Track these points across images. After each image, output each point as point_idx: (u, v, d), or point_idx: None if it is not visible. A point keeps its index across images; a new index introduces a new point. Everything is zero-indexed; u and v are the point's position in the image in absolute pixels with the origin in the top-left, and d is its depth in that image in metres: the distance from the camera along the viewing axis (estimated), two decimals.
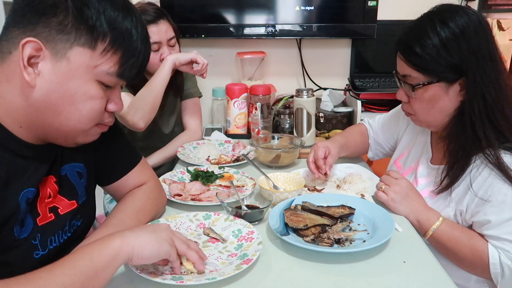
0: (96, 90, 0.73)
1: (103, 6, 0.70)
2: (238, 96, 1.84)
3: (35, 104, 0.70)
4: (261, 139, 1.51)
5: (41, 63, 0.68)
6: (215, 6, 1.95)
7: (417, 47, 0.98)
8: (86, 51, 0.70)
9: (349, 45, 2.17)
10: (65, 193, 0.84)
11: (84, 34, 0.69)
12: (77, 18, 0.68)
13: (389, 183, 1.08)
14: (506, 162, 0.95)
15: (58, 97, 0.70)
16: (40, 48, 0.67)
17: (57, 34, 0.68)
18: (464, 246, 0.98)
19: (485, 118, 0.97)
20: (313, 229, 0.95)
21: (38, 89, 0.69)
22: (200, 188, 1.21)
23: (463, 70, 0.97)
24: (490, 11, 2.12)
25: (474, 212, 0.99)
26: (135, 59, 0.75)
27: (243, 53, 2.04)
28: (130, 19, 0.73)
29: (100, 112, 0.76)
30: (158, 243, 0.73)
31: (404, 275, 0.83)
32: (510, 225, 0.93)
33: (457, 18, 0.97)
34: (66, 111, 0.72)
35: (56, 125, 0.73)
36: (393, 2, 2.01)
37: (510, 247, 0.93)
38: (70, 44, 0.69)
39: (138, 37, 0.74)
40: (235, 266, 0.81)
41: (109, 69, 0.73)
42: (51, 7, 0.67)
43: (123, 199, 0.97)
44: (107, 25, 0.70)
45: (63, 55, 0.69)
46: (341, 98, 2.02)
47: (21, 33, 0.68)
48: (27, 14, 0.68)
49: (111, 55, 0.72)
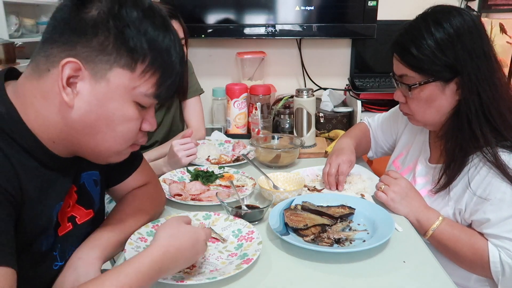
0: (133, 112, 0.72)
1: (144, 27, 0.68)
2: (238, 96, 1.84)
3: (72, 124, 0.69)
4: (261, 139, 1.51)
5: (79, 83, 0.67)
6: (215, 6, 1.95)
7: (413, 48, 1.00)
8: (126, 73, 0.69)
9: (349, 45, 2.17)
10: (83, 202, 0.84)
11: (124, 55, 0.68)
12: (118, 39, 0.67)
13: (388, 183, 1.08)
14: (504, 160, 0.95)
15: (96, 118, 0.69)
16: (79, 68, 0.66)
17: (97, 55, 0.67)
18: (464, 245, 0.98)
19: (481, 116, 0.98)
20: (313, 229, 0.95)
21: (76, 109, 0.68)
22: (200, 188, 1.21)
23: (458, 70, 0.98)
24: (490, 11, 2.13)
25: (473, 211, 0.99)
26: (172, 80, 0.74)
27: (243, 53, 2.05)
28: (169, 38, 0.72)
29: (135, 133, 0.75)
30: (189, 263, 0.78)
31: (404, 275, 0.83)
32: (509, 223, 0.94)
33: (451, 19, 0.98)
34: (103, 132, 0.71)
35: (92, 145, 0.73)
36: (393, 2, 2.01)
37: (510, 245, 0.93)
38: (110, 65, 0.68)
39: (176, 57, 0.73)
40: (235, 265, 0.81)
41: (147, 90, 0.71)
42: (92, 28, 0.66)
43: (123, 199, 0.97)
44: (147, 46, 0.69)
45: (102, 76, 0.68)
46: (341, 98, 2.02)
47: (61, 51, 0.66)
48: (67, 33, 0.66)
49: (149, 76, 0.71)
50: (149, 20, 0.69)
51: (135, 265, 0.67)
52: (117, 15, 0.67)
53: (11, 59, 1.89)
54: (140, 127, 0.76)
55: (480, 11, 2.12)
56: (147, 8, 0.70)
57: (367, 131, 1.44)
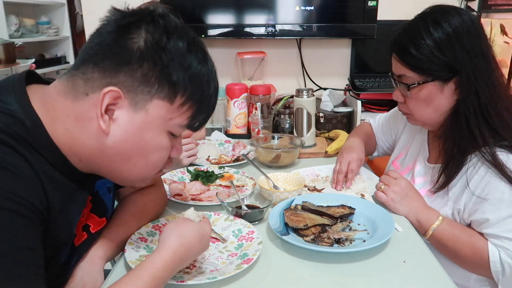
0: (166, 141, 0.72)
1: (188, 61, 0.69)
2: (238, 96, 1.84)
3: (104, 149, 0.69)
4: (261, 139, 1.51)
5: (117, 111, 0.67)
6: (215, 6, 1.95)
7: (411, 48, 1.00)
8: (165, 104, 0.68)
9: (349, 45, 2.17)
10: (97, 211, 0.84)
11: (166, 88, 0.68)
12: (162, 72, 0.67)
13: (388, 183, 1.08)
14: (502, 159, 0.95)
15: (130, 146, 0.69)
16: (120, 96, 0.66)
17: (139, 85, 0.66)
18: (464, 245, 0.98)
19: (479, 115, 0.98)
20: (313, 229, 0.95)
21: (111, 136, 0.68)
22: (200, 188, 1.21)
23: (456, 69, 0.98)
24: (490, 11, 2.13)
25: (472, 211, 0.99)
26: (208, 112, 0.75)
27: (243, 53, 2.04)
28: (209, 72, 0.72)
29: (164, 161, 0.76)
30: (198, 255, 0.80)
31: (404, 275, 0.83)
32: (508, 223, 0.94)
33: (450, 18, 0.98)
34: (134, 159, 0.71)
35: (121, 170, 0.73)
36: (393, 2, 2.01)
37: (509, 245, 0.93)
38: (151, 97, 0.67)
39: (213, 90, 0.74)
40: (236, 265, 0.81)
41: (182, 122, 0.72)
42: (138, 58, 0.65)
43: (125, 200, 0.97)
44: (189, 80, 0.69)
45: (142, 106, 0.67)
46: (341, 98, 2.02)
47: (102, 78, 0.66)
48: (109, 59, 0.66)
49: (186, 109, 0.71)
50: (193, 54, 0.69)
51: (149, 271, 0.68)
52: (164, 48, 0.66)
53: (11, 59, 1.90)
54: (168, 155, 0.76)
55: (480, 11, 2.12)
56: (192, 40, 0.70)
57: (371, 130, 1.45)
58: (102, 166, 0.72)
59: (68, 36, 3.45)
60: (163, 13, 0.69)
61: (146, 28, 0.67)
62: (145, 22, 0.67)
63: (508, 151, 0.97)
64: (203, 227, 0.78)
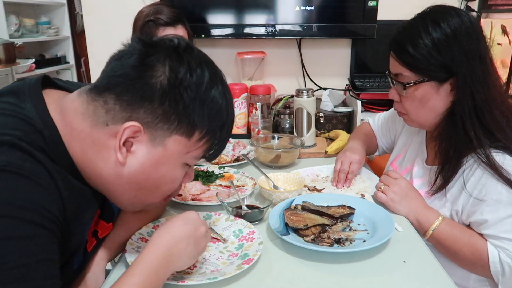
0: (181, 173, 0.74)
1: (207, 97, 0.69)
2: (238, 96, 1.84)
3: (118, 178, 0.70)
4: (261, 139, 1.52)
5: (136, 144, 0.68)
6: (215, 6, 1.95)
7: (409, 47, 1.00)
8: (183, 140, 0.70)
9: (349, 45, 2.17)
10: (105, 217, 0.84)
11: (185, 126, 0.69)
12: (183, 111, 0.68)
13: (388, 183, 1.09)
14: (497, 161, 0.95)
15: (145, 178, 0.70)
16: (139, 130, 0.66)
17: (159, 122, 0.67)
18: (464, 245, 0.99)
19: (474, 118, 0.98)
20: (313, 229, 0.95)
21: (127, 167, 0.69)
22: (200, 188, 1.21)
23: (453, 70, 0.99)
24: (490, 11, 2.13)
25: (470, 212, 0.99)
26: (222, 145, 0.77)
27: (243, 53, 2.05)
28: (226, 109, 0.73)
29: (175, 188, 0.77)
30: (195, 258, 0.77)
31: (404, 275, 0.83)
32: (507, 223, 0.94)
33: (449, 19, 0.98)
34: (146, 189, 0.72)
35: (130, 197, 0.74)
36: (393, 2, 2.02)
37: (509, 245, 0.93)
38: (170, 133, 0.68)
39: (229, 126, 0.76)
40: (236, 266, 0.81)
41: (198, 154, 0.73)
42: (161, 96, 0.66)
43: None
44: (207, 117, 0.70)
45: (160, 142, 0.68)
46: (341, 98, 2.02)
47: (123, 111, 0.66)
48: (132, 93, 0.66)
49: (203, 143, 0.72)
50: (213, 89, 0.70)
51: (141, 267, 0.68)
52: (187, 87, 0.67)
53: (11, 59, 1.90)
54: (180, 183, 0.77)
55: (480, 11, 2.12)
56: (213, 74, 0.71)
57: (371, 131, 1.46)
58: (111, 190, 0.72)
59: (68, 36, 3.45)
60: (187, 47, 0.70)
61: (171, 64, 0.67)
62: (170, 58, 0.67)
63: (504, 152, 0.97)
64: (191, 218, 0.77)
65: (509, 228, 0.94)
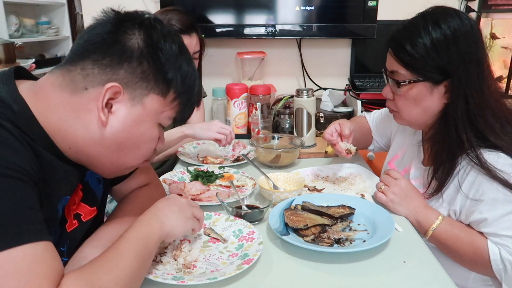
0: (157, 132, 0.79)
1: (179, 62, 0.76)
2: (238, 96, 1.84)
3: (100, 139, 0.72)
4: (261, 139, 1.52)
5: (116, 104, 0.71)
6: (215, 6, 1.95)
7: (408, 45, 1.00)
8: (159, 99, 0.75)
9: (349, 45, 2.17)
10: (87, 200, 0.85)
11: (161, 85, 0.74)
12: (159, 70, 0.73)
13: (388, 183, 1.08)
14: (491, 161, 0.95)
15: (126, 137, 0.74)
16: (119, 91, 0.70)
17: (138, 81, 0.72)
18: (464, 244, 0.99)
19: (466, 121, 0.99)
20: (313, 229, 0.95)
21: (108, 127, 0.72)
22: (200, 188, 1.21)
23: (449, 73, 0.99)
24: (490, 11, 2.13)
25: (469, 212, 0.99)
26: (192, 107, 0.83)
27: (243, 53, 2.05)
28: (194, 72, 0.80)
29: (153, 150, 0.81)
30: (185, 223, 0.83)
31: (404, 275, 0.83)
32: (506, 220, 0.94)
33: (450, 20, 0.98)
34: (128, 149, 0.76)
35: (113, 159, 0.76)
36: (393, 2, 2.02)
37: (509, 242, 0.93)
38: (148, 91, 0.73)
39: (197, 89, 0.82)
40: (236, 266, 0.81)
41: (171, 115, 0.79)
42: (139, 57, 0.71)
43: (124, 199, 0.98)
44: (180, 79, 0.76)
45: (139, 101, 0.73)
46: (341, 98, 2.02)
47: (102, 74, 0.70)
48: (110, 56, 0.70)
49: (176, 104, 0.78)
50: (183, 56, 0.77)
51: (132, 232, 0.74)
52: (162, 49, 0.73)
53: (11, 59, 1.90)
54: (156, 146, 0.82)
55: (480, 11, 2.12)
56: (181, 45, 0.78)
57: (367, 123, 1.46)
58: (94, 155, 0.75)
59: (68, 36, 3.44)
60: (157, 19, 0.77)
61: (145, 30, 0.73)
62: (143, 24, 0.73)
63: (497, 151, 0.97)
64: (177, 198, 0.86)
65: (508, 225, 0.93)
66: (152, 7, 2.08)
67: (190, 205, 0.87)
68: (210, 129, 1.38)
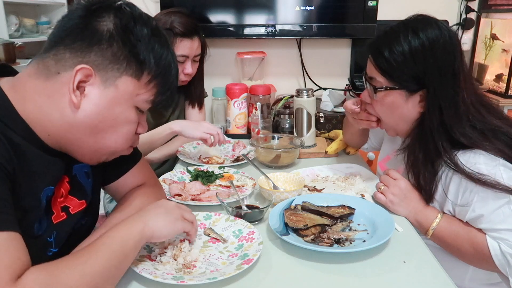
0: (134, 115, 0.79)
1: (152, 43, 0.76)
2: (238, 96, 1.84)
3: (75, 123, 0.74)
4: (261, 139, 1.52)
5: (89, 87, 0.73)
6: (215, 6, 1.95)
7: (386, 52, 1.01)
8: (132, 81, 0.76)
9: (349, 45, 2.17)
10: (75, 193, 0.86)
11: (133, 66, 0.75)
12: (131, 52, 0.74)
13: (387, 184, 1.08)
14: (470, 162, 0.95)
15: (101, 119, 0.75)
16: (91, 74, 0.71)
17: (109, 63, 0.73)
18: (464, 240, 0.98)
19: (442, 131, 0.99)
20: (313, 229, 0.95)
21: (81, 110, 0.73)
22: (200, 188, 1.21)
23: (424, 82, 0.99)
24: (490, 11, 2.13)
25: (463, 211, 0.98)
26: (170, 91, 0.83)
27: (243, 53, 2.05)
28: (171, 56, 0.80)
29: (133, 134, 0.82)
30: (172, 223, 0.82)
31: (404, 275, 0.83)
32: (499, 214, 0.93)
33: (429, 31, 0.99)
34: (104, 131, 0.77)
35: (91, 143, 0.77)
36: (393, 2, 2.02)
37: (507, 235, 0.92)
38: (120, 74, 0.74)
39: (174, 72, 0.82)
40: (236, 266, 0.81)
41: (148, 98, 0.79)
42: (108, 39, 0.72)
43: (123, 199, 0.98)
44: (154, 60, 0.77)
45: (112, 83, 0.74)
46: (341, 98, 2.02)
47: (73, 57, 0.71)
48: (79, 40, 0.71)
49: (152, 86, 0.78)
50: (156, 38, 0.77)
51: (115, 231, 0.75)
52: (132, 30, 0.74)
53: (11, 59, 1.89)
54: (136, 130, 0.82)
55: (480, 11, 2.12)
56: (155, 28, 0.78)
57: None
58: (72, 140, 0.76)
59: None
60: (129, 3, 0.78)
61: (115, 13, 0.74)
62: (113, 8, 0.74)
63: (472, 148, 0.96)
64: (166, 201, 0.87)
65: (503, 218, 0.93)
66: (152, 7, 2.08)
67: (178, 207, 0.87)
68: (197, 128, 1.38)
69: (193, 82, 1.64)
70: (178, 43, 1.48)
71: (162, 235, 0.81)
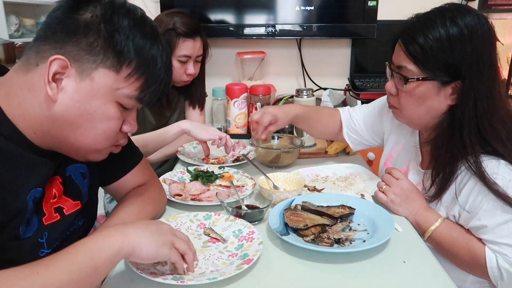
0: (114, 111, 0.75)
1: (133, 33, 0.73)
2: (238, 96, 1.84)
3: (53, 117, 0.72)
4: (261, 139, 1.51)
5: (65, 79, 0.71)
6: (215, 6, 1.95)
7: (421, 38, 0.95)
8: (111, 74, 0.72)
9: (349, 45, 2.17)
10: (70, 194, 0.85)
11: (111, 58, 0.71)
12: (107, 42, 0.71)
13: (390, 183, 1.07)
14: (490, 169, 0.92)
15: (78, 114, 0.72)
16: (66, 66, 0.70)
17: (85, 54, 0.70)
18: (462, 248, 0.98)
19: (473, 126, 0.95)
20: (313, 229, 0.95)
21: (58, 104, 0.71)
22: (200, 188, 1.21)
23: (461, 73, 0.94)
24: (490, 11, 2.13)
25: (468, 218, 0.97)
26: (156, 86, 0.78)
27: (243, 53, 2.05)
28: (157, 48, 0.76)
29: (115, 132, 0.78)
30: (157, 246, 0.73)
31: (404, 275, 0.83)
32: (505, 228, 0.92)
33: (468, 19, 0.93)
34: (83, 127, 0.74)
35: (71, 139, 0.75)
36: (393, 2, 2.02)
37: (507, 250, 0.92)
38: (96, 65, 0.71)
39: (162, 66, 0.77)
40: (236, 266, 0.81)
41: (130, 93, 0.75)
42: (84, 28, 0.70)
43: (123, 199, 0.98)
44: (134, 51, 0.73)
45: (88, 75, 0.71)
46: (341, 98, 2.02)
47: (51, 49, 0.70)
48: (59, 32, 0.70)
49: (134, 80, 0.74)
50: (139, 28, 0.73)
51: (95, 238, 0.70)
52: (109, 20, 0.71)
53: (11, 59, 1.90)
54: (121, 128, 0.79)
55: (480, 11, 2.12)
56: (139, 18, 0.75)
57: (336, 115, 1.38)
58: (54, 136, 0.74)
59: None
60: None
61: (95, 4, 0.72)
62: (93, 1, 0.72)
63: (498, 158, 0.94)
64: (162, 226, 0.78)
65: (507, 233, 0.92)
66: (152, 7, 2.08)
67: (172, 234, 0.78)
68: (206, 130, 1.39)
69: (194, 82, 1.64)
70: (180, 43, 1.48)
71: (141, 255, 0.71)
